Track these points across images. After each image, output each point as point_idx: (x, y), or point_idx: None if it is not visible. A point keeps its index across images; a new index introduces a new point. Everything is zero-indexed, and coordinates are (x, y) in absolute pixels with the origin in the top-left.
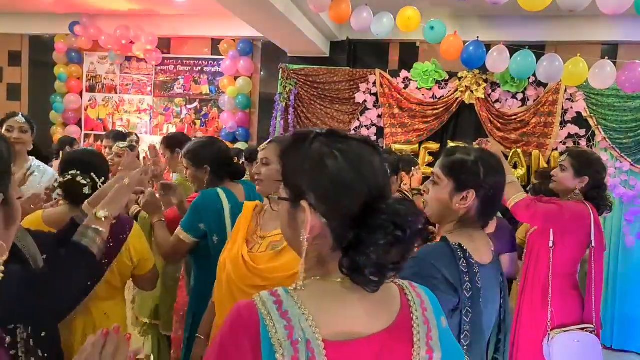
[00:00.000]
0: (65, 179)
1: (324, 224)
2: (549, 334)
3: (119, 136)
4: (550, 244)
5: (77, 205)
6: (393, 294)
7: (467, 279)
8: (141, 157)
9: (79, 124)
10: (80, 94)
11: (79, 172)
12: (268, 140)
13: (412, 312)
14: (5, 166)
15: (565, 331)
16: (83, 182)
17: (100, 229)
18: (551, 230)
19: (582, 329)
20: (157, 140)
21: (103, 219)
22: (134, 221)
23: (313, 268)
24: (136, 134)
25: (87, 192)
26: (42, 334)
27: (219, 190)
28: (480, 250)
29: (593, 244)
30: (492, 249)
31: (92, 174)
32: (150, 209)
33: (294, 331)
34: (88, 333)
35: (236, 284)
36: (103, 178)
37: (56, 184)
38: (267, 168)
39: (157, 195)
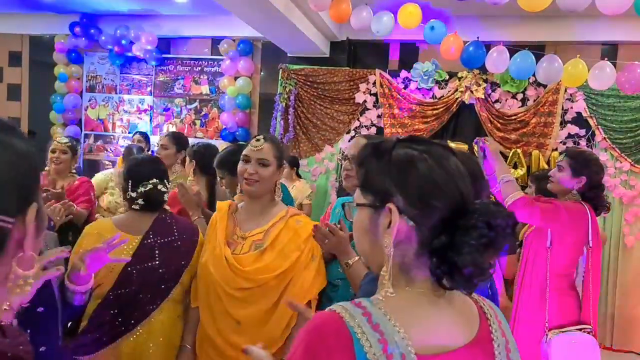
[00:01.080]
0: (148, 188)
1: (411, 227)
2: (546, 335)
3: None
4: (548, 244)
5: (151, 212)
6: (470, 306)
7: None
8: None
9: (79, 124)
10: (80, 94)
11: (158, 181)
12: (258, 138)
13: (490, 325)
14: (37, 174)
15: (563, 331)
16: (163, 189)
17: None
18: (548, 230)
19: (580, 329)
20: (156, 140)
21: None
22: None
23: (396, 276)
24: (146, 133)
25: (165, 199)
26: None
27: None
28: None
29: (590, 244)
30: None
31: (165, 181)
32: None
33: (387, 345)
34: (165, 334)
35: (222, 287)
36: (169, 184)
37: (134, 194)
38: (265, 169)
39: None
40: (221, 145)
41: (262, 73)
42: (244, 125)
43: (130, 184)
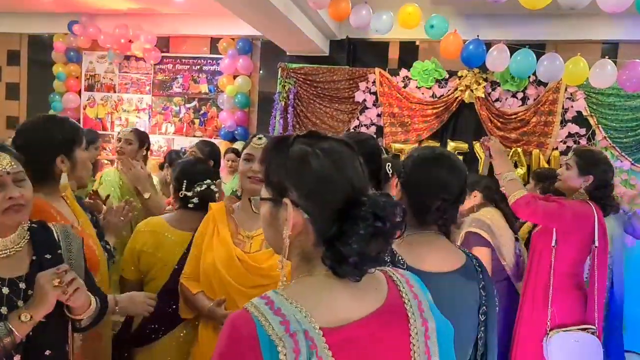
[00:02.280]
0: (203, 188)
1: (306, 219)
2: (547, 334)
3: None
4: (553, 243)
5: (200, 210)
6: (378, 278)
7: None
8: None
9: (77, 122)
10: (79, 93)
11: (211, 181)
12: (260, 137)
13: (400, 290)
14: None
15: (565, 331)
16: (215, 190)
17: (15, 332)
18: (554, 229)
19: (584, 329)
20: (155, 139)
21: (27, 321)
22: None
23: (299, 266)
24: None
25: (216, 199)
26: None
27: None
28: (429, 257)
29: (596, 244)
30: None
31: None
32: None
33: (289, 325)
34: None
35: (234, 286)
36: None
37: (189, 193)
38: None
39: None
40: (220, 144)
41: (261, 72)
42: (243, 124)
43: (185, 184)
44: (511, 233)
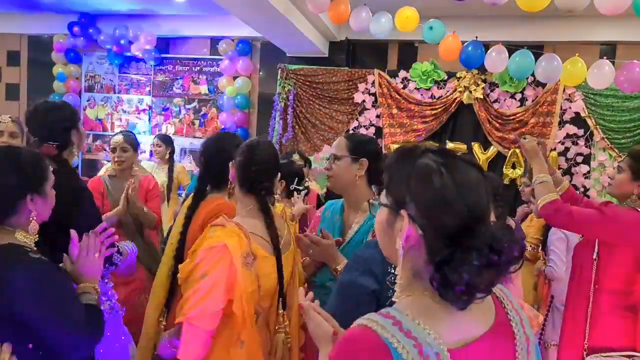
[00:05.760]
0: (306, 184)
1: (420, 235)
2: (584, 358)
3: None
4: (594, 255)
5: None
6: None
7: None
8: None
9: None
10: (79, 94)
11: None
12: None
13: (504, 307)
14: None
15: (605, 356)
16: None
17: (97, 291)
18: (596, 240)
19: (629, 356)
20: (149, 140)
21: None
22: None
23: (412, 282)
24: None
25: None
26: None
27: None
28: None
29: None
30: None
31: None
32: None
33: (422, 348)
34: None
35: None
36: None
37: (300, 187)
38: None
39: None
40: None
41: (261, 73)
42: (243, 125)
43: (296, 180)
44: None
